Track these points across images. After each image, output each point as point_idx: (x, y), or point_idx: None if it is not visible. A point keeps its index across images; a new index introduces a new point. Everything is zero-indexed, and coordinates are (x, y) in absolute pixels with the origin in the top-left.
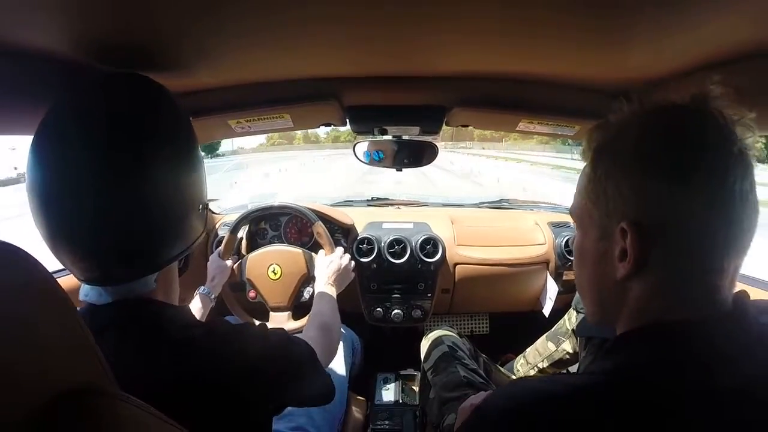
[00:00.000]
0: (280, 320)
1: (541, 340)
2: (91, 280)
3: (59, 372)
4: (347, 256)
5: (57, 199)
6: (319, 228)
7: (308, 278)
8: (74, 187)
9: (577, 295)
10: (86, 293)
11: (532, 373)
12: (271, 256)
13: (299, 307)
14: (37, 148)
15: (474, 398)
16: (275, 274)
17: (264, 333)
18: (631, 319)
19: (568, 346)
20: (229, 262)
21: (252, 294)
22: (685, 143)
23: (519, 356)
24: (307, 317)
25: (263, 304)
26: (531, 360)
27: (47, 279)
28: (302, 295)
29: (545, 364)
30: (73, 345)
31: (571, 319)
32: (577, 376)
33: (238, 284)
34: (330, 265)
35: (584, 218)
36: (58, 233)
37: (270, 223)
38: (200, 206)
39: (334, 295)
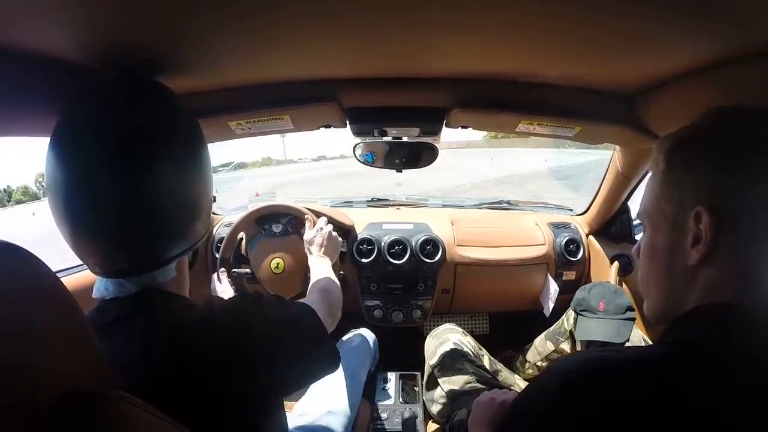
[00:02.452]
0: None
1: (540, 340)
2: (119, 272)
3: (61, 371)
4: (330, 225)
5: (82, 197)
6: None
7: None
8: (98, 184)
9: (576, 296)
10: (106, 287)
11: (531, 371)
12: (271, 249)
13: None
14: (56, 150)
15: (492, 393)
16: (278, 267)
17: (259, 297)
18: (700, 298)
19: (566, 346)
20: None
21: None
22: (759, 143)
23: (518, 354)
24: None
25: None
26: (530, 358)
27: (49, 278)
28: (310, 280)
29: (545, 363)
30: (75, 343)
31: (569, 320)
32: (640, 348)
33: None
34: (315, 237)
35: (656, 216)
36: (82, 229)
37: (271, 224)
38: (210, 198)
39: (329, 263)
